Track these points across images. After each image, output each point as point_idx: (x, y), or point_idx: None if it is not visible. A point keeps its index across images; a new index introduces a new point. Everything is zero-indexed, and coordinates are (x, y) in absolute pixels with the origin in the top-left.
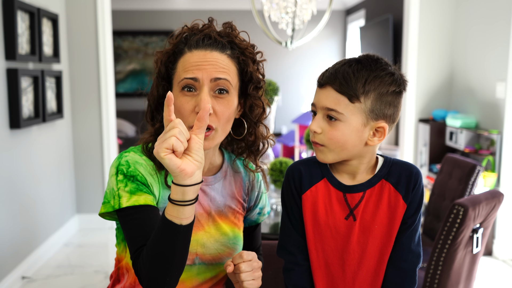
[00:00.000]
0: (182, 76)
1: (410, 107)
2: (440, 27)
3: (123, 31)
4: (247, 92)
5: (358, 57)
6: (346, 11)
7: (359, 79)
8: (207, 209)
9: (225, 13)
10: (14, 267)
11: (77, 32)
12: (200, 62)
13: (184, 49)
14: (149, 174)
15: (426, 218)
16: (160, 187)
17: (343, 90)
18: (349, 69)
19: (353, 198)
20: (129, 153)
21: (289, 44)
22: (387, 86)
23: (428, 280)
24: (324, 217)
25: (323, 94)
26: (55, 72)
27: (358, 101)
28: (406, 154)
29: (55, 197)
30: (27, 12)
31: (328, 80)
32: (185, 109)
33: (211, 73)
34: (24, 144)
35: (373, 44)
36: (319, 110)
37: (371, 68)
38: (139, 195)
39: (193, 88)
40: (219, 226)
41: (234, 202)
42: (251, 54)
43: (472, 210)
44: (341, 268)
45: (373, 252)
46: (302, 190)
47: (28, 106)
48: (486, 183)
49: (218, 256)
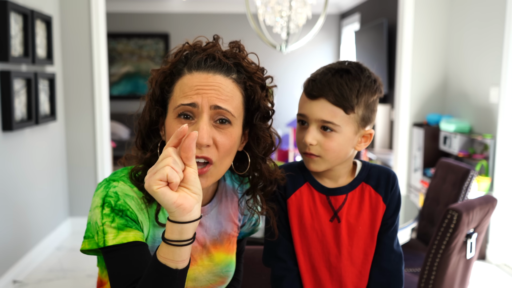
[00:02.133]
0: (179, 101)
1: (404, 111)
2: (434, 31)
3: (117, 34)
4: (252, 122)
5: (343, 66)
6: (340, 15)
7: (353, 91)
8: (201, 242)
9: (220, 16)
10: (6, 271)
11: (71, 34)
12: (200, 86)
13: (183, 70)
14: (140, 210)
15: (420, 223)
16: (150, 225)
17: (339, 102)
18: (341, 80)
19: (337, 200)
20: (118, 182)
21: (283, 48)
22: (373, 94)
23: (422, 285)
24: (309, 220)
25: (317, 107)
26: (49, 75)
27: (353, 112)
28: (400, 159)
29: (47, 200)
30: (20, 13)
31: (322, 91)
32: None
33: (212, 100)
34: (17, 147)
35: (368, 48)
36: (313, 122)
37: (360, 78)
38: (128, 231)
39: (191, 116)
40: (212, 257)
41: (230, 225)
42: (259, 80)
43: (466, 215)
44: (328, 270)
45: (358, 253)
46: (286, 194)
47: (21, 109)
48: (480, 187)
49: (210, 286)
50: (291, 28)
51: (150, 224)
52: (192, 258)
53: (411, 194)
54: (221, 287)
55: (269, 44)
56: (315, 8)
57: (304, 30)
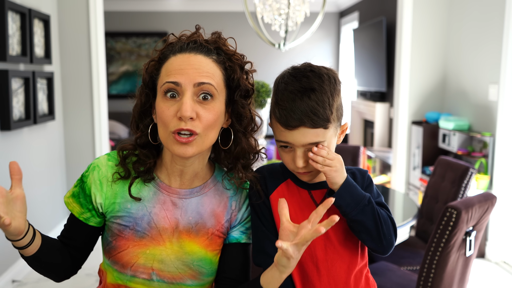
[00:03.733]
0: (164, 80)
1: (403, 109)
2: (433, 29)
3: (116, 33)
4: (234, 99)
5: (305, 84)
6: (339, 13)
7: (325, 107)
8: (173, 224)
9: (218, 15)
10: (4, 270)
11: (69, 33)
12: (183, 66)
13: (169, 55)
14: (102, 182)
15: (419, 221)
16: (118, 195)
17: (317, 124)
18: (311, 102)
19: (318, 194)
20: (105, 156)
21: (282, 45)
22: (339, 94)
23: (421, 283)
24: (293, 214)
25: (298, 134)
26: (47, 74)
27: (330, 123)
28: (399, 157)
29: (46, 199)
30: (18, 12)
31: (299, 122)
32: (167, 115)
33: (194, 78)
34: (15, 146)
35: (367, 46)
36: (299, 147)
37: (325, 89)
38: (73, 201)
39: (176, 93)
40: (183, 244)
41: (212, 221)
42: (238, 61)
43: (465, 213)
44: (315, 265)
45: (345, 246)
46: (268, 191)
47: (19, 108)
48: (479, 185)
49: (179, 276)
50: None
51: (118, 195)
52: (161, 238)
53: (410, 192)
54: (194, 282)
55: (268, 42)
56: (313, 6)
57: (303, 28)
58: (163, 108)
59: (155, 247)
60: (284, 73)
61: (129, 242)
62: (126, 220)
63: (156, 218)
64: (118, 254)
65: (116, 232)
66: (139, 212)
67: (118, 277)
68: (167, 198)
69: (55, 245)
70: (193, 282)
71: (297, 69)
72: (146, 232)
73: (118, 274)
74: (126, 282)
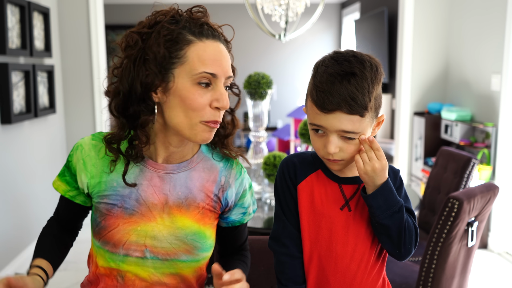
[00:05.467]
0: (200, 69)
1: (405, 100)
2: (435, 19)
3: (116, 25)
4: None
5: (347, 68)
6: (341, 4)
7: (364, 93)
8: (162, 199)
9: (218, 6)
10: (7, 263)
11: (69, 26)
12: (217, 57)
13: (189, 37)
14: (85, 161)
15: (421, 212)
16: (103, 174)
17: (354, 110)
18: (350, 87)
19: (348, 189)
20: (89, 136)
21: (282, 36)
22: (379, 83)
23: (423, 274)
24: (320, 206)
25: (333, 119)
26: (47, 67)
27: (367, 112)
28: (401, 148)
29: (48, 193)
30: (17, 5)
31: (337, 105)
32: (200, 103)
33: (227, 71)
34: (16, 140)
35: (368, 37)
36: (332, 132)
37: (366, 76)
38: (59, 179)
39: (209, 83)
40: (175, 219)
41: (202, 196)
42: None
43: (467, 203)
44: (334, 261)
45: (366, 244)
46: (297, 181)
47: (20, 101)
48: (481, 176)
49: (173, 251)
50: (290, 16)
51: (103, 174)
52: (151, 215)
53: (412, 183)
54: (189, 258)
55: (268, 33)
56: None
57: (304, 19)
58: (195, 95)
59: (146, 224)
60: (325, 57)
61: (119, 220)
62: (113, 199)
63: (144, 194)
64: (108, 234)
65: (105, 212)
66: (126, 190)
67: (110, 258)
68: (153, 174)
69: (58, 253)
70: (188, 257)
71: (339, 53)
72: (135, 209)
73: (110, 255)
74: (118, 263)
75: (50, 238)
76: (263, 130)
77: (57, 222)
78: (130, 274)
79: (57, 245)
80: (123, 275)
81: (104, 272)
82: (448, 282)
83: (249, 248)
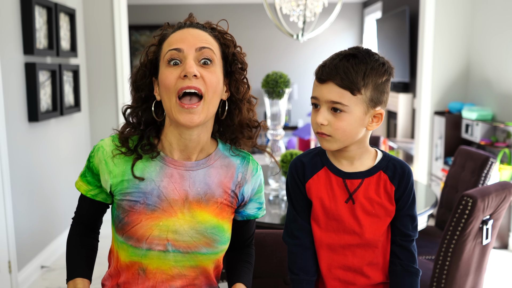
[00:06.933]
0: (166, 49)
1: (426, 99)
2: (456, 18)
3: (140, 26)
4: (231, 71)
5: (351, 51)
6: (363, 3)
7: (359, 73)
8: (183, 195)
9: (238, 6)
10: (34, 256)
11: (94, 27)
12: (183, 36)
13: (167, 35)
14: (107, 161)
15: (439, 210)
16: (126, 173)
17: (345, 84)
18: (347, 63)
19: (352, 183)
20: (109, 137)
21: (300, 36)
22: (382, 76)
23: (437, 271)
24: (327, 201)
25: (325, 89)
26: (72, 66)
27: (359, 93)
28: (421, 147)
29: (73, 189)
30: (44, 7)
31: (329, 76)
32: (170, 79)
33: (195, 43)
34: (42, 137)
35: (390, 37)
36: (323, 103)
37: (366, 61)
38: (80, 179)
39: (179, 61)
40: (195, 214)
41: (220, 191)
42: (230, 38)
43: (481, 201)
44: (342, 251)
45: (370, 235)
46: (305, 179)
47: (46, 100)
48: (502, 176)
49: (194, 244)
50: (308, 16)
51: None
52: (172, 210)
53: (433, 183)
54: (209, 250)
55: (286, 33)
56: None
57: (323, 18)
58: (166, 74)
59: (168, 219)
60: None
61: (142, 216)
62: (136, 196)
63: (165, 191)
64: (132, 229)
65: (127, 208)
66: (148, 187)
67: (133, 253)
68: (174, 171)
69: (90, 262)
70: (208, 250)
71: (355, 46)
72: (157, 205)
73: (133, 250)
74: (141, 257)
75: (78, 249)
76: (281, 128)
77: (79, 224)
78: (151, 267)
79: (86, 253)
80: (144, 268)
81: (126, 266)
82: (463, 279)
83: (263, 242)
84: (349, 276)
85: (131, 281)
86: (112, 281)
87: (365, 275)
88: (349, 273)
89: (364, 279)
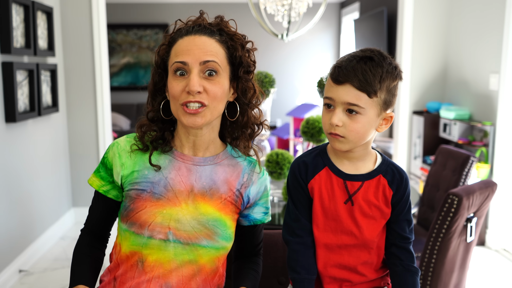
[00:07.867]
0: (173, 60)
1: (404, 99)
2: (434, 19)
3: (117, 24)
4: (238, 75)
5: (367, 54)
6: (340, 3)
7: (376, 76)
8: (188, 187)
9: (220, 6)
10: (11, 260)
11: (72, 26)
12: (189, 47)
13: (177, 38)
14: (120, 154)
15: (420, 209)
16: (137, 164)
17: (363, 87)
18: (365, 66)
19: (353, 185)
20: (124, 136)
21: (285, 36)
22: (394, 80)
23: (423, 269)
24: (327, 201)
25: (342, 91)
26: (50, 66)
27: (376, 96)
28: (400, 146)
29: (51, 191)
30: (21, 5)
31: (347, 77)
32: (176, 90)
33: (200, 57)
34: (20, 138)
35: (367, 37)
36: (339, 104)
37: (382, 64)
38: (94, 175)
39: (184, 72)
40: (199, 206)
41: (225, 188)
42: (239, 40)
43: (466, 199)
44: (339, 251)
45: (368, 236)
46: (307, 179)
47: (24, 100)
48: (479, 174)
49: (195, 235)
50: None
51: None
52: (177, 200)
53: (411, 181)
54: (209, 243)
55: (271, 32)
56: None
57: (305, 19)
58: (173, 84)
59: (172, 208)
60: None
61: (147, 202)
62: (143, 185)
63: (172, 182)
64: (136, 215)
65: (134, 196)
66: (156, 177)
67: (134, 241)
68: (182, 164)
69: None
70: (208, 242)
71: (367, 47)
72: (163, 194)
73: (134, 238)
74: (142, 246)
75: (84, 257)
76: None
77: (88, 233)
78: (150, 259)
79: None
80: (143, 259)
81: (126, 257)
82: (448, 276)
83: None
84: (344, 274)
85: (128, 274)
86: (110, 275)
87: (359, 273)
88: (344, 271)
89: (359, 276)
